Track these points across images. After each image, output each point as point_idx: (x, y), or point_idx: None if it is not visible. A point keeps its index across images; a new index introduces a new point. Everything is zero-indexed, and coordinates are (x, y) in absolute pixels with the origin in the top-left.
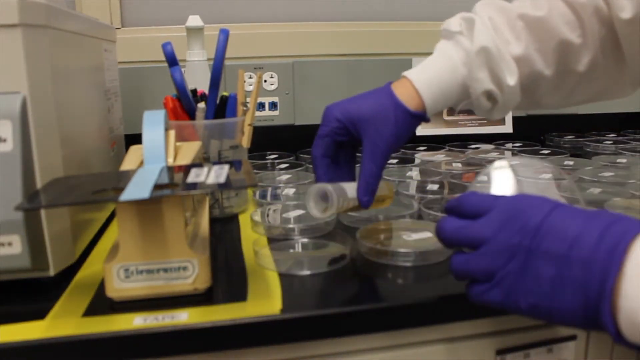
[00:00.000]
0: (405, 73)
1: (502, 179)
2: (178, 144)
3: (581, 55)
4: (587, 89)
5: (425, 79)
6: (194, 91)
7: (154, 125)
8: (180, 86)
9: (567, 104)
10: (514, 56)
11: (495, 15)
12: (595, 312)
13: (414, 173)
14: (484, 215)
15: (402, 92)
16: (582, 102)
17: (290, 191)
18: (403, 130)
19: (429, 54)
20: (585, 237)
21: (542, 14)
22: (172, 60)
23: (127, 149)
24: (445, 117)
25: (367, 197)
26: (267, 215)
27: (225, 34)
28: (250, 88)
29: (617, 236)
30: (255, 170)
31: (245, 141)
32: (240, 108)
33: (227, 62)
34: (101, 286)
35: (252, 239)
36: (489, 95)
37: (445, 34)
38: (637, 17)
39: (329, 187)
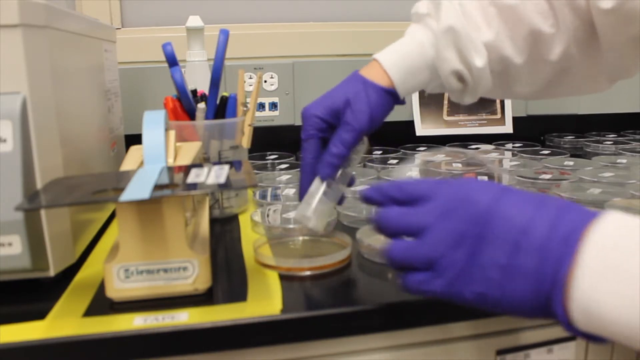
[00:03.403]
0: (374, 55)
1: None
2: (178, 144)
3: (554, 44)
4: (562, 82)
5: (394, 59)
6: (194, 91)
7: (154, 126)
8: (180, 86)
9: (543, 95)
10: (484, 42)
11: (467, 1)
12: (547, 301)
13: (414, 173)
14: (427, 201)
15: (370, 73)
16: (558, 96)
17: (290, 191)
18: (376, 108)
19: None
20: (536, 224)
21: (515, 2)
22: (172, 61)
23: (127, 149)
24: (445, 117)
25: (326, 170)
26: (267, 216)
27: (225, 34)
28: (250, 88)
29: (571, 225)
30: (255, 171)
31: (246, 141)
32: (240, 108)
33: (227, 63)
34: (101, 286)
35: (252, 239)
36: (459, 76)
37: (414, 18)
38: (616, 7)
39: (304, 213)
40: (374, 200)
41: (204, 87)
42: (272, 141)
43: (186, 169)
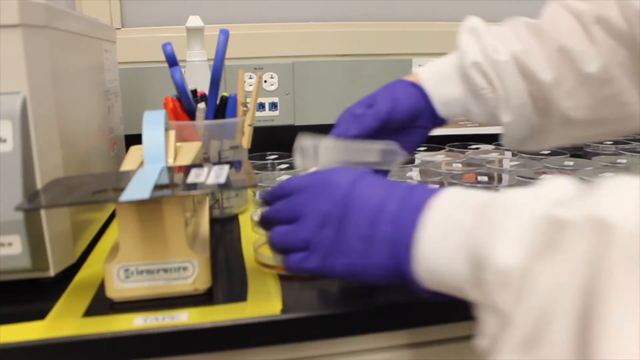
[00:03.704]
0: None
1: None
2: (178, 144)
3: (589, 59)
4: (610, 103)
5: (427, 66)
6: (194, 91)
7: (154, 126)
8: (180, 86)
9: (595, 116)
10: (511, 50)
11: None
12: (400, 264)
13: (414, 173)
14: (300, 192)
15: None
16: (617, 129)
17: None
18: (399, 97)
19: (430, 54)
20: (390, 199)
21: (543, 21)
22: (172, 61)
23: (127, 149)
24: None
25: (340, 129)
26: None
27: (225, 34)
28: (251, 88)
29: (418, 197)
30: (255, 171)
31: (246, 141)
32: (240, 108)
33: (227, 63)
34: (101, 286)
35: (252, 239)
36: (482, 72)
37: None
38: None
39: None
40: (265, 199)
41: (204, 87)
42: (272, 141)
43: (186, 169)
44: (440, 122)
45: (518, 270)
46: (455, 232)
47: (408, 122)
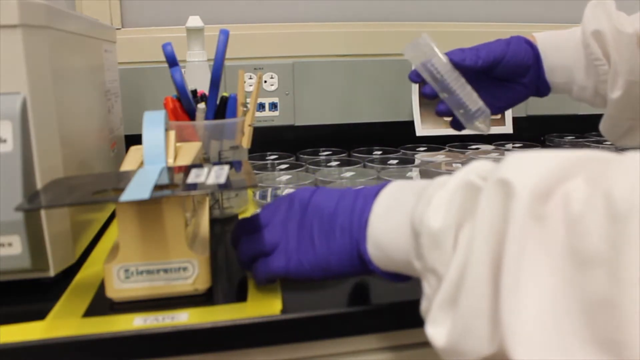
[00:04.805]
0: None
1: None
2: (178, 144)
3: None
4: None
5: (547, 34)
6: (194, 92)
7: (154, 126)
8: (180, 87)
9: None
10: (637, 29)
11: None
12: (359, 249)
13: (414, 174)
14: (262, 210)
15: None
16: None
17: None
18: (513, 48)
19: None
20: (345, 197)
21: None
22: (172, 61)
23: (127, 149)
24: (446, 118)
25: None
26: None
27: (225, 34)
28: (251, 88)
29: (367, 192)
30: (255, 171)
31: (246, 142)
32: (240, 108)
33: (227, 63)
34: (101, 287)
35: None
36: (602, 43)
37: None
38: None
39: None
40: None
41: (204, 87)
42: (272, 141)
43: (186, 169)
44: (544, 88)
45: (444, 230)
46: (399, 211)
47: (512, 74)
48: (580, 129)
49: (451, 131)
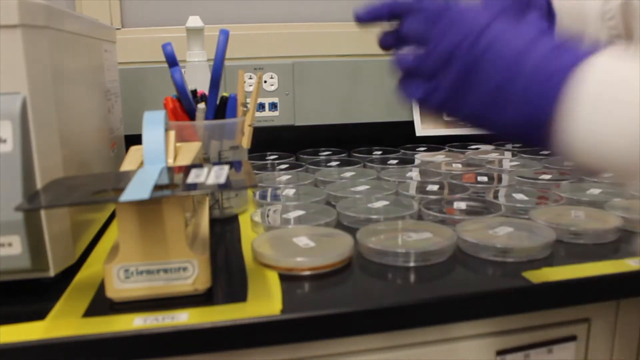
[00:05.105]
0: None
1: None
2: (178, 144)
3: None
4: None
5: None
6: (194, 92)
7: (154, 126)
8: (180, 87)
9: None
10: None
11: None
12: (539, 121)
13: (414, 174)
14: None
15: None
16: None
17: (290, 192)
18: None
19: None
20: (536, 49)
21: None
22: (172, 61)
23: (127, 149)
24: (445, 117)
25: None
26: (267, 216)
27: (225, 34)
28: (250, 88)
29: (571, 55)
30: (255, 171)
31: (246, 142)
32: (240, 109)
33: (227, 63)
34: (101, 287)
35: (252, 239)
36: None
37: None
38: None
39: None
40: (390, 9)
41: (204, 87)
42: (272, 141)
43: (186, 169)
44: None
45: None
46: (624, 106)
47: None
48: None
49: (451, 131)
